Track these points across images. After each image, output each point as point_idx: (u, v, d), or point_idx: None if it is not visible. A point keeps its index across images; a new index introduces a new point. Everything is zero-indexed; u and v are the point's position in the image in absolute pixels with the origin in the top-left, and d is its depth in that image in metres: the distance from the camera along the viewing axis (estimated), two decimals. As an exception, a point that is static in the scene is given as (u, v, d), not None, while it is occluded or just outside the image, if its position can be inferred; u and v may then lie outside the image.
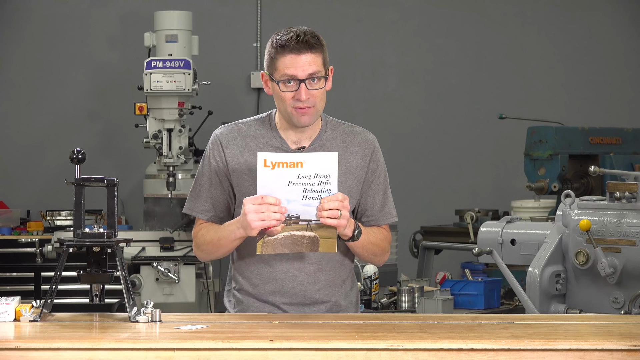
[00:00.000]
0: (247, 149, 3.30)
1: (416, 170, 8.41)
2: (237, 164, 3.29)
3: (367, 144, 3.35)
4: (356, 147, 3.34)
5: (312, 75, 3.20)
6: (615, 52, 8.57)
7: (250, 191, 3.20)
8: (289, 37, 3.18)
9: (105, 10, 8.35)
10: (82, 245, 3.07)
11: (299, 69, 3.19)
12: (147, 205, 6.92)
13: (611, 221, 4.37)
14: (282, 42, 3.19)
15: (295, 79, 3.19)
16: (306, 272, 3.29)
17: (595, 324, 3.15)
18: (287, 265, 3.28)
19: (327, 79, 3.25)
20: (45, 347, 2.67)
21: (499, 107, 7.98)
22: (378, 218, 3.38)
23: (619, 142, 6.62)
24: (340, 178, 3.20)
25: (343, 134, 3.35)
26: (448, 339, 2.72)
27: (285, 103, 3.22)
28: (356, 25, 8.50)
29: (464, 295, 5.18)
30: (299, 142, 3.31)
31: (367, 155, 3.34)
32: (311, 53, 3.20)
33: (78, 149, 3.14)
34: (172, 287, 6.55)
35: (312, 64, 3.20)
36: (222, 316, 3.32)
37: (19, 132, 8.29)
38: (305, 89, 3.19)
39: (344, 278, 3.37)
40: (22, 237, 7.31)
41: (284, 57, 3.19)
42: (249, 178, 3.26)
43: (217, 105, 7.54)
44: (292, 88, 3.20)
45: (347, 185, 3.29)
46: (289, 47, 3.18)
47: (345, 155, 3.31)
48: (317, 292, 3.30)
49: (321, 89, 3.23)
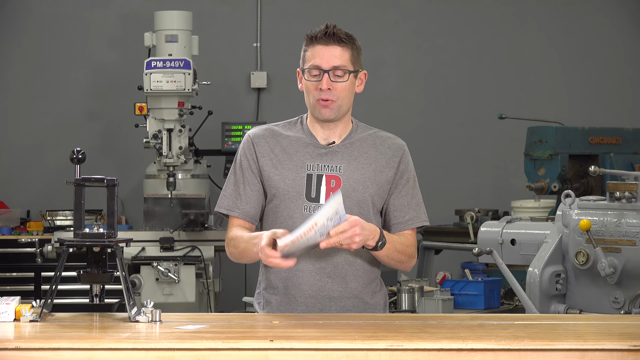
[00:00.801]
0: (277, 145, 3.36)
1: (416, 170, 8.38)
2: (268, 160, 3.35)
3: (397, 147, 3.42)
4: (386, 149, 3.40)
5: (336, 68, 3.28)
6: (615, 52, 8.57)
7: (279, 184, 3.29)
8: (319, 29, 3.30)
9: (105, 10, 8.35)
10: (82, 245, 3.07)
11: (324, 60, 3.28)
12: (147, 205, 6.92)
13: (611, 221, 4.37)
14: (313, 34, 3.31)
15: (319, 68, 3.28)
16: (335, 271, 3.31)
17: (595, 324, 3.15)
18: (313, 263, 3.31)
19: (355, 76, 3.33)
20: (45, 347, 2.67)
21: (499, 107, 7.98)
22: (406, 221, 3.41)
23: (619, 142, 6.61)
24: (369, 176, 3.32)
25: (373, 136, 3.43)
26: (448, 339, 2.72)
27: (310, 94, 3.32)
28: (356, 25, 8.49)
29: (464, 295, 5.18)
30: (328, 139, 3.37)
31: (397, 157, 3.40)
32: (339, 46, 3.29)
33: (78, 149, 3.14)
34: (172, 287, 6.55)
35: (337, 57, 3.29)
36: (222, 316, 3.33)
37: (19, 132, 8.29)
38: (328, 79, 3.28)
39: (372, 278, 3.40)
40: (22, 237, 7.31)
41: (313, 47, 3.31)
42: (278, 172, 3.33)
43: (217, 105, 7.55)
44: (317, 78, 3.29)
45: (376, 183, 3.35)
46: (318, 39, 3.30)
47: (375, 155, 3.37)
48: (344, 289, 3.33)
49: (345, 83, 3.30)
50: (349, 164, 3.34)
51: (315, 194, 3.31)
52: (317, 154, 3.34)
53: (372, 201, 3.35)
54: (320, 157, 3.34)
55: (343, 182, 3.32)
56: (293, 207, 3.31)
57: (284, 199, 3.32)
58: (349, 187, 3.32)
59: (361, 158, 3.36)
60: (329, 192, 3.31)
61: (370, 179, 3.33)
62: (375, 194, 3.35)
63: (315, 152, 3.35)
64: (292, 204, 3.31)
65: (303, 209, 3.31)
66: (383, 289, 3.47)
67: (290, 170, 3.33)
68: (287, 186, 3.32)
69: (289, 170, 3.33)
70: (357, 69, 3.34)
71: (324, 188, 3.32)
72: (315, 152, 3.35)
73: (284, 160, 3.34)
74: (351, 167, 3.34)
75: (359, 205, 3.32)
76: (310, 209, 3.30)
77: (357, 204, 3.32)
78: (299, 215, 3.30)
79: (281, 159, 3.34)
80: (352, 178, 3.33)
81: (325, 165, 3.33)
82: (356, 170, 3.34)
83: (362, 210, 3.32)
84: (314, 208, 3.30)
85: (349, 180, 3.32)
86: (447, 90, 8.57)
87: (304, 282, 3.30)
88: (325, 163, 3.33)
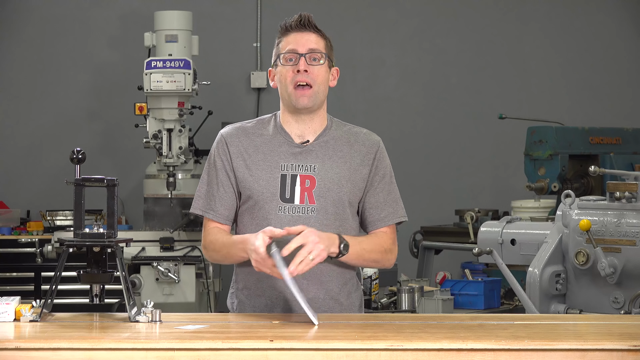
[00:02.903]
0: (251, 145, 3.33)
1: (416, 170, 8.41)
2: (242, 160, 3.32)
3: (372, 144, 3.37)
4: (360, 146, 3.35)
5: (312, 51, 3.30)
6: (615, 52, 8.57)
7: (253, 185, 3.27)
8: (293, 19, 3.37)
9: (105, 10, 8.35)
10: (82, 245, 3.07)
11: (299, 44, 3.31)
12: (147, 205, 6.92)
13: (611, 221, 4.37)
14: (287, 24, 3.36)
15: (295, 52, 3.30)
16: (310, 273, 3.24)
17: (595, 324, 3.15)
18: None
19: (329, 66, 3.33)
20: (45, 347, 2.67)
21: (499, 107, 7.98)
22: (382, 218, 3.37)
23: (619, 142, 6.61)
24: (344, 175, 3.29)
25: (347, 133, 3.38)
26: (448, 339, 2.72)
27: (287, 82, 3.30)
28: (356, 25, 8.50)
29: (464, 295, 5.18)
30: (303, 136, 3.34)
31: (371, 154, 3.35)
32: (314, 33, 3.34)
33: (78, 149, 3.14)
34: (172, 287, 6.55)
35: (313, 42, 3.32)
36: (222, 316, 3.32)
37: (19, 132, 8.29)
38: (304, 62, 3.28)
39: (348, 278, 3.36)
40: (22, 237, 7.31)
41: (287, 36, 3.35)
42: (252, 173, 3.29)
43: (217, 105, 7.55)
44: (293, 63, 3.30)
45: (351, 182, 3.31)
46: (292, 27, 3.35)
47: (350, 153, 3.33)
48: (319, 290, 3.29)
49: (322, 67, 3.30)
50: (323, 163, 3.30)
51: (290, 194, 3.27)
52: (290, 153, 3.30)
53: (348, 200, 3.31)
54: (294, 157, 3.30)
55: (317, 182, 3.28)
56: (268, 208, 3.27)
57: (258, 200, 3.28)
58: (324, 186, 3.28)
59: (336, 157, 3.32)
60: (303, 193, 3.27)
61: (345, 178, 3.30)
62: (350, 192, 3.31)
63: (289, 151, 3.31)
64: (267, 205, 3.27)
65: (277, 209, 3.27)
66: (359, 289, 3.44)
67: (264, 170, 3.29)
68: (261, 187, 3.28)
69: (263, 171, 3.29)
70: (331, 60, 3.36)
71: (299, 188, 3.28)
72: (289, 151, 3.31)
73: (258, 161, 3.30)
74: (326, 166, 3.30)
75: (335, 205, 3.29)
76: (285, 210, 3.26)
77: (333, 204, 3.28)
78: (274, 216, 3.26)
79: (255, 159, 3.31)
80: (326, 177, 3.29)
81: (299, 165, 3.30)
82: (331, 169, 3.30)
83: (337, 210, 3.29)
84: (288, 209, 3.26)
85: (324, 179, 3.29)
86: (447, 90, 8.57)
87: (280, 282, 3.20)
88: (300, 162, 3.30)
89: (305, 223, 3.20)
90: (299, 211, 3.27)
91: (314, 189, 3.27)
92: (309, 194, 3.27)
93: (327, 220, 3.27)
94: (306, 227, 3.12)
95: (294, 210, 3.27)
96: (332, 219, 3.28)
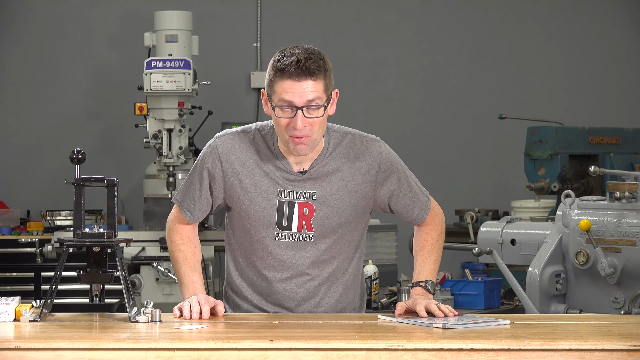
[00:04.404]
0: (247, 164, 3.21)
1: (416, 171, 8.27)
2: (237, 180, 3.22)
3: (372, 158, 3.24)
4: (361, 163, 3.22)
5: (310, 103, 3.04)
6: (615, 52, 8.57)
7: (249, 210, 3.20)
8: (290, 62, 3.02)
9: (105, 10, 8.35)
10: (82, 245, 3.07)
11: (296, 96, 3.03)
12: (147, 205, 6.92)
13: (611, 221, 4.37)
14: (282, 66, 3.03)
15: (292, 105, 3.04)
16: (306, 288, 3.27)
17: (595, 324, 3.15)
18: (286, 283, 3.27)
19: (328, 106, 3.10)
20: (45, 347, 2.66)
21: (499, 107, 7.98)
22: (415, 217, 3.38)
23: (619, 142, 6.61)
24: (344, 200, 3.21)
25: (347, 147, 3.22)
26: (448, 339, 2.72)
27: (281, 129, 3.09)
28: (356, 25, 8.50)
29: (464, 295, 5.17)
30: (301, 164, 3.20)
31: (374, 169, 3.24)
32: (312, 80, 3.03)
33: (78, 149, 3.13)
34: (172, 287, 6.55)
35: (311, 91, 3.04)
36: (222, 316, 3.32)
37: (19, 132, 8.28)
38: (303, 117, 3.04)
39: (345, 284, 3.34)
40: (22, 237, 7.31)
41: (282, 81, 3.04)
42: (247, 197, 3.21)
43: (217, 105, 7.54)
44: (289, 115, 3.05)
45: (352, 205, 3.23)
46: (288, 73, 3.02)
47: (350, 173, 3.22)
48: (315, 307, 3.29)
49: (319, 118, 3.07)
50: (322, 189, 3.19)
51: (287, 222, 3.19)
52: (288, 179, 3.19)
53: (347, 222, 3.24)
54: (291, 183, 3.18)
55: (316, 210, 3.19)
56: (264, 233, 3.21)
57: (254, 224, 3.22)
58: (323, 215, 3.20)
59: (335, 179, 3.20)
60: (301, 222, 3.19)
61: (346, 203, 3.21)
62: (351, 214, 3.23)
63: (287, 177, 3.19)
64: (264, 231, 3.21)
65: (274, 236, 3.21)
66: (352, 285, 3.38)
67: (260, 196, 3.19)
68: (257, 214, 3.20)
69: (259, 196, 3.19)
70: (330, 95, 3.11)
71: (296, 217, 3.19)
72: (286, 177, 3.19)
73: (254, 184, 3.19)
74: (325, 193, 3.19)
75: (333, 232, 3.23)
76: (282, 237, 3.20)
77: (332, 230, 3.22)
78: (270, 242, 3.22)
79: (251, 181, 3.19)
80: (326, 205, 3.19)
81: (297, 192, 3.19)
82: (331, 196, 3.20)
83: (335, 234, 3.24)
84: (285, 236, 3.20)
85: (322, 207, 3.19)
86: (447, 90, 8.57)
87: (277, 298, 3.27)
88: (297, 190, 3.18)
89: (302, 249, 3.21)
90: (296, 238, 3.21)
91: (312, 217, 3.20)
92: (307, 222, 3.20)
93: (324, 245, 3.24)
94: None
95: (291, 237, 3.21)
96: (330, 243, 3.24)
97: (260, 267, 3.26)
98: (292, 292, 3.26)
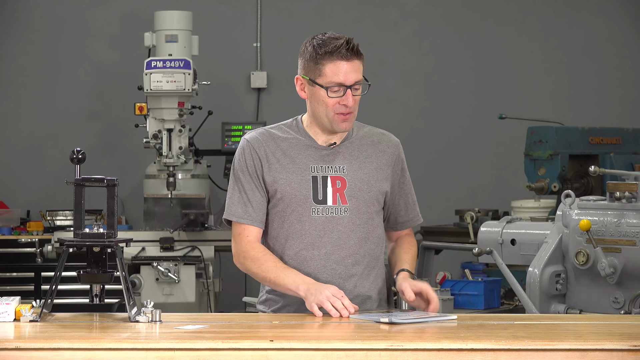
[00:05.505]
0: (278, 148, 3.34)
1: (416, 171, 8.32)
2: (271, 164, 3.32)
3: (394, 145, 3.45)
4: (384, 147, 3.42)
5: (358, 82, 3.25)
6: (615, 52, 8.57)
7: (285, 189, 3.29)
8: (340, 44, 3.21)
9: (105, 10, 8.35)
10: (82, 245, 3.07)
11: (348, 76, 3.23)
12: (147, 205, 6.92)
13: (611, 221, 4.37)
14: (331, 49, 3.21)
15: (343, 85, 3.23)
16: (344, 264, 3.32)
17: (595, 324, 3.16)
18: (324, 260, 3.32)
19: (368, 86, 3.30)
20: (45, 347, 2.67)
21: (499, 107, 7.98)
22: (410, 219, 3.50)
23: (619, 142, 6.61)
24: (372, 175, 3.35)
25: (370, 133, 3.43)
26: (448, 339, 2.72)
27: (328, 108, 3.27)
28: (356, 25, 8.50)
29: (464, 295, 5.18)
30: (329, 141, 3.35)
31: (395, 154, 3.43)
32: (358, 60, 3.26)
33: (78, 149, 3.14)
34: (172, 287, 6.55)
35: (358, 71, 3.25)
36: (222, 316, 3.33)
37: (19, 132, 8.29)
38: (352, 95, 3.25)
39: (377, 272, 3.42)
40: (22, 237, 7.31)
41: (333, 63, 3.23)
42: (283, 176, 3.31)
43: (217, 105, 7.55)
44: (339, 94, 3.24)
45: (379, 181, 3.36)
46: (340, 54, 3.22)
47: (375, 153, 3.38)
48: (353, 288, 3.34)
49: (360, 96, 3.29)
50: (351, 164, 3.35)
51: (322, 196, 3.31)
52: (318, 155, 3.34)
53: (377, 199, 3.38)
54: (322, 159, 3.34)
55: (348, 182, 3.33)
56: (301, 210, 3.31)
57: (291, 203, 3.31)
58: (355, 186, 3.34)
59: (362, 157, 3.37)
60: (335, 194, 3.31)
61: (374, 178, 3.35)
62: (378, 191, 3.37)
63: (317, 153, 3.34)
64: (300, 208, 3.31)
65: (311, 211, 3.31)
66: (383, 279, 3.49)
67: (294, 173, 3.32)
68: (293, 190, 3.31)
69: (294, 173, 3.32)
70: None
71: (331, 189, 3.32)
72: (316, 153, 3.34)
73: (287, 164, 3.32)
74: (354, 167, 3.35)
75: (366, 205, 3.35)
76: (319, 211, 3.31)
77: (365, 203, 3.34)
78: (308, 218, 3.31)
79: (283, 162, 3.32)
80: (356, 178, 3.34)
81: (328, 166, 3.33)
82: (359, 170, 3.35)
83: (368, 209, 3.35)
84: (322, 210, 3.31)
85: (354, 179, 3.34)
86: (447, 91, 8.57)
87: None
88: (328, 164, 3.33)
89: (339, 223, 3.30)
90: (332, 212, 3.31)
91: (345, 189, 3.32)
92: (341, 194, 3.32)
93: (359, 220, 3.34)
94: None
95: (328, 212, 3.31)
96: (364, 219, 3.35)
97: (298, 247, 3.31)
98: (330, 269, 3.31)
